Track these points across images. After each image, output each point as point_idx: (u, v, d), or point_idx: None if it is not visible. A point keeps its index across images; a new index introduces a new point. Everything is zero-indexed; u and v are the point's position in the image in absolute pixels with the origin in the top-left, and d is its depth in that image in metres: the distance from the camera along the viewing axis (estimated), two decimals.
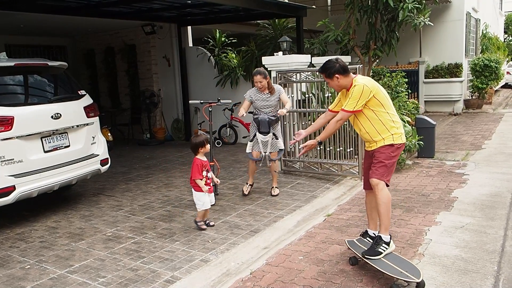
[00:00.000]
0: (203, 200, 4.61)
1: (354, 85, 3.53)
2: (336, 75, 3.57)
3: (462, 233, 4.21)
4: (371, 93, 3.49)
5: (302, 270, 3.62)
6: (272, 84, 5.65)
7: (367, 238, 3.87)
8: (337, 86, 3.65)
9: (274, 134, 5.63)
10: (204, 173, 4.62)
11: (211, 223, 4.76)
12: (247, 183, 5.94)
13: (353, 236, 4.26)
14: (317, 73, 3.79)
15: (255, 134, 5.65)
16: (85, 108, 5.70)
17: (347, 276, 3.47)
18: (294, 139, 3.98)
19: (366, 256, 3.46)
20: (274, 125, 5.63)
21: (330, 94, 6.63)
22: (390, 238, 3.56)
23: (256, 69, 5.58)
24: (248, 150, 5.71)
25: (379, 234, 3.57)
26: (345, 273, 3.52)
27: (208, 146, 4.74)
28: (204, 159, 4.69)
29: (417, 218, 4.66)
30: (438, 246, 3.93)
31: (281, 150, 5.74)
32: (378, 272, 3.37)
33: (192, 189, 4.68)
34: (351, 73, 3.63)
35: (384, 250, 3.46)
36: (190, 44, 10.78)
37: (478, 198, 5.22)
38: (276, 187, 5.86)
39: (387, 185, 3.57)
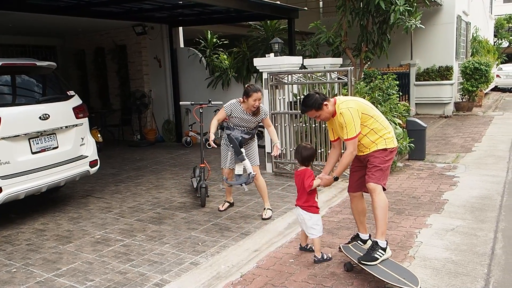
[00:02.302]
0: (320, 222, 3.83)
1: (340, 113, 3.56)
2: (325, 103, 3.59)
3: (452, 235, 4.21)
4: (359, 112, 3.54)
5: (293, 273, 3.59)
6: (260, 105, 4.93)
7: (358, 241, 3.86)
8: (328, 114, 3.64)
9: (248, 149, 5.02)
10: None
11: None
12: (225, 201, 5.39)
13: (344, 239, 4.25)
14: (303, 112, 3.86)
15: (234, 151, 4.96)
16: (74, 109, 5.63)
17: (338, 279, 3.45)
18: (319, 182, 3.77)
19: (362, 262, 3.42)
20: (247, 142, 5.02)
21: None
22: (387, 244, 3.53)
23: (254, 85, 4.85)
24: (238, 172, 4.97)
25: (375, 239, 3.54)
26: (336, 276, 3.50)
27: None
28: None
29: (407, 220, 4.66)
30: (428, 248, 3.93)
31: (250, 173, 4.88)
32: (369, 275, 3.35)
33: (304, 213, 3.79)
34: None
35: (381, 256, 3.43)
36: (182, 45, 10.73)
37: (468, 201, 5.24)
38: (268, 208, 5.10)
39: (384, 189, 3.57)
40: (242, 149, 4.87)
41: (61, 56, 12.08)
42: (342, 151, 4.00)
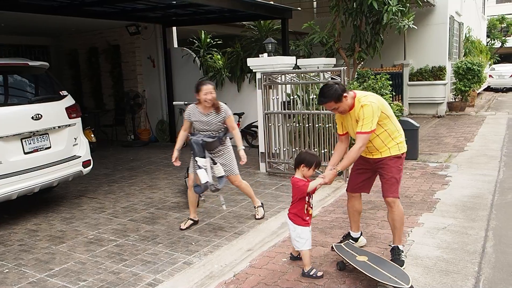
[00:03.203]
0: (306, 236, 3.52)
1: (362, 105, 3.43)
2: (344, 95, 3.45)
3: (444, 234, 4.25)
4: (379, 109, 3.46)
5: (286, 272, 3.61)
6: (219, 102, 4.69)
7: (350, 240, 3.89)
8: (347, 106, 3.49)
9: (212, 159, 4.63)
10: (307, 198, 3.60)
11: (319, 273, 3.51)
12: (188, 218, 4.83)
13: (337, 238, 4.27)
14: (320, 103, 3.62)
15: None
16: (67, 109, 5.61)
17: (330, 278, 3.47)
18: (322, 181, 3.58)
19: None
20: (213, 147, 4.64)
21: (315, 96, 6.64)
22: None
23: (204, 80, 4.62)
24: (203, 180, 4.46)
25: (396, 245, 3.65)
26: (328, 275, 3.52)
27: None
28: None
29: None
30: (420, 247, 3.96)
31: (221, 177, 4.60)
32: (361, 274, 3.37)
33: (288, 222, 3.60)
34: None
35: (405, 257, 3.61)
36: (175, 45, 10.72)
37: (460, 200, 5.28)
38: (259, 206, 5.00)
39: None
40: (209, 155, 4.54)
41: (54, 55, 12.03)
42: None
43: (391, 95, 8.54)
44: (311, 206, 3.63)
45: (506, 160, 7.29)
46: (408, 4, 8.58)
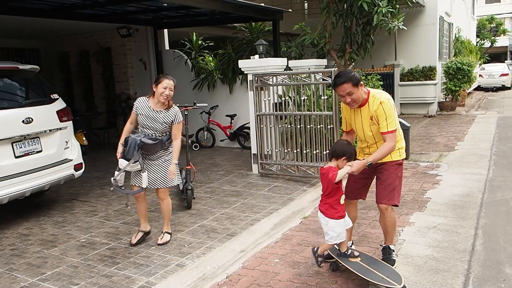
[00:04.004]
0: (339, 230, 3.39)
1: (381, 102, 3.33)
2: (360, 82, 3.33)
3: (434, 233, 4.29)
4: (394, 107, 3.40)
5: (278, 273, 3.63)
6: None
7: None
8: (360, 96, 3.35)
9: (159, 165, 4.27)
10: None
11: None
12: (138, 230, 4.47)
13: None
14: (332, 88, 3.43)
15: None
16: (58, 112, 5.59)
17: (322, 278, 3.50)
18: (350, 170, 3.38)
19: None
20: (153, 150, 4.21)
21: (306, 97, 6.67)
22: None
23: (161, 74, 4.26)
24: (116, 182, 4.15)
25: (387, 245, 3.68)
26: (320, 275, 3.55)
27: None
28: None
29: None
30: (411, 246, 4.00)
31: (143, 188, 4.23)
32: (353, 274, 3.40)
33: (321, 216, 3.43)
34: None
35: (395, 256, 3.68)
36: (167, 47, 10.71)
37: (450, 199, 5.34)
38: (167, 232, 4.43)
39: (397, 205, 3.57)
40: (139, 160, 4.09)
41: (45, 58, 11.97)
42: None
43: None
44: None
45: (495, 159, 7.37)
46: (397, 6, 8.66)
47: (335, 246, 3.72)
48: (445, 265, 3.59)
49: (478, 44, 29.18)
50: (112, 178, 4.19)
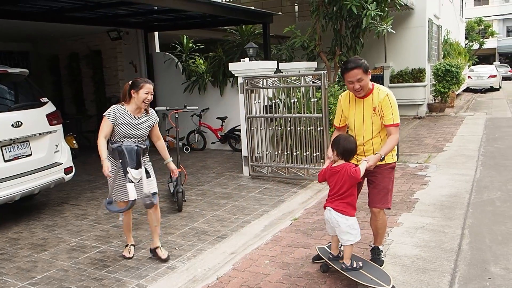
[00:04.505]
0: (357, 226, 3.41)
1: (387, 94, 3.39)
2: (369, 70, 3.37)
3: (422, 233, 4.35)
4: None
5: (268, 274, 3.66)
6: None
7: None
8: (367, 84, 3.37)
9: (146, 170, 4.02)
10: None
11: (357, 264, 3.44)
12: (127, 245, 4.22)
13: (318, 239, 4.35)
14: (342, 74, 3.39)
15: (119, 172, 3.90)
16: (47, 115, 5.58)
17: (311, 279, 3.53)
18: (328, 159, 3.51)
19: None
20: (143, 156, 4.00)
21: (296, 100, 6.72)
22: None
23: (139, 78, 3.99)
24: (132, 197, 3.76)
25: (376, 245, 3.72)
26: (309, 276, 3.59)
27: None
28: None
29: None
30: (399, 246, 4.06)
31: (154, 193, 4.03)
32: (341, 274, 3.44)
33: (338, 215, 3.36)
34: None
35: (384, 257, 3.73)
36: (157, 50, 10.72)
37: (438, 199, 5.41)
38: (161, 247, 4.12)
39: (389, 208, 3.65)
40: (143, 166, 3.90)
41: (34, 61, 11.90)
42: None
43: None
44: None
45: (483, 160, 7.48)
46: (386, 9, 8.77)
47: (326, 248, 3.76)
48: (432, 264, 3.65)
49: (466, 46, 29.51)
50: (134, 201, 3.80)
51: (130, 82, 3.93)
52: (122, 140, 3.86)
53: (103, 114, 3.83)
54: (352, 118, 3.56)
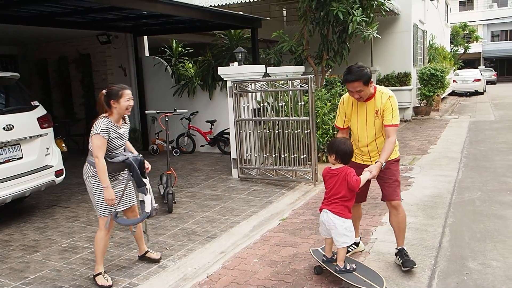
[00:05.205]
0: (353, 228, 3.47)
1: (390, 96, 3.45)
2: (371, 80, 3.41)
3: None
4: None
5: (257, 272, 3.78)
6: None
7: (352, 244, 3.87)
8: (368, 93, 3.43)
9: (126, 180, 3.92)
10: None
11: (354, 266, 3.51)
12: (100, 273, 3.74)
13: (306, 238, 4.49)
14: (345, 81, 3.43)
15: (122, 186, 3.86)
16: (38, 119, 5.65)
17: (298, 275, 3.67)
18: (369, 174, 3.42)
19: (409, 267, 3.55)
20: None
21: (284, 103, 6.87)
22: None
23: (117, 84, 3.80)
24: (148, 208, 3.80)
25: (402, 247, 3.75)
26: (296, 273, 3.72)
27: None
28: None
29: (365, 219, 4.93)
30: (382, 244, 4.21)
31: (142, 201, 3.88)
32: (327, 271, 3.57)
33: (335, 217, 3.39)
34: None
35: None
36: (147, 54, 10.80)
37: (421, 199, 5.59)
38: (150, 250, 4.18)
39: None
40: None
41: (22, 65, 11.89)
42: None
43: None
44: None
45: (465, 161, 7.71)
46: (372, 15, 8.99)
47: (320, 251, 3.80)
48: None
49: (452, 50, 30.05)
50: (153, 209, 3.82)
51: (104, 92, 3.71)
52: (113, 153, 3.73)
53: (97, 133, 3.55)
54: (355, 120, 3.60)
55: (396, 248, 3.81)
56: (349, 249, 3.79)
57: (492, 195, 5.67)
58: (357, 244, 4.03)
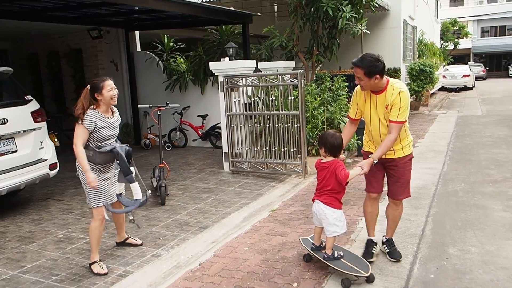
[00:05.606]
0: (343, 218, 3.57)
1: (400, 92, 3.32)
2: (377, 75, 3.30)
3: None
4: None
5: (247, 259, 3.93)
6: None
7: (374, 246, 3.86)
8: (368, 86, 3.36)
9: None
10: None
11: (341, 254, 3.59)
12: (95, 261, 3.87)
13: (294, 228, 4.64)
14: (353, 64, 3.37)
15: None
16: (32, 113, 5.73)
17: (287, 262, 3.82)
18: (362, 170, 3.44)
19: (396, 259, 3.68)
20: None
21: (274, 98, 7.00)
22: None
23: (98, 77, 3.96)
24: (140, 195, 3.92)
25: (391, 237, 3.85)
26: (285, 260, 3.87)
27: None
28: None
29: (352, 209, 5.11)
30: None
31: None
32: (316, 258, 3.72)
33: (326, 207, 3.50)
34: None
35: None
36: (138, 49, 10.86)
37: None
38: (132, 238, 4.42)
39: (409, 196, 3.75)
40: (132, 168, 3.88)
41: (13, 60, 11.88)
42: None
43: (348, 96, 9.05)
44: None
45: (451, 155, 7.92)
46: (361, 11, 9.12)
47: (309, 239, 3.93)
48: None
49: (442, 46, 30.34)
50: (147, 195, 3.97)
51: (88, 87, 3.85)
52: (102, 144, 3.84)
53: (80, 123, 3.73)
54: (368, 113, 3.56)
55: (384, 237, 3.92)
56: (372, 250, 3.81)
57: (475, 187, 5.87)
58: (375, 243, 3.90)
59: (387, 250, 3.82)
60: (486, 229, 4.38)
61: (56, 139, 8.49)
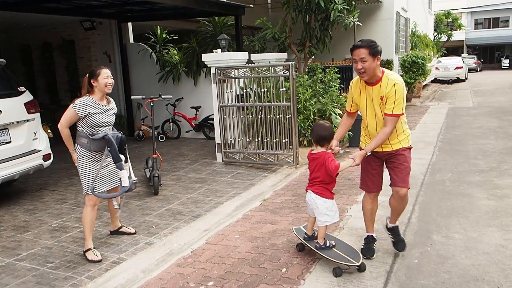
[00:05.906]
0: (335, 208, 3.60)
1: (395, 83, 3.26)
2: (379, 56, 3.26)
3: (378, 209, 4.78)
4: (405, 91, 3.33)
5: (238, 246, 4.04)
6: None
7: (374, 243, 3.81)
8: (373, 69, 3.27)
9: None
10: None
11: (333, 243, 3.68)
12: (89, 249, 3.96)
13: (285, 216, 4.75)
14: (354, 48, 3.29)
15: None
16: (25, 104, 5.77)
17: (276, 249, 3.93)
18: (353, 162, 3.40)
19: (401, 249, 3.70)
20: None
21: (266, 89, 7.08)
22: None
23: (94, 68, 4.03)
24: (126, 182, 3.93)
25: (396, 225, 3.79)
26: (275, 247, 3.98)
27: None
28: None
29: (341, 199, 5.23)
30: (356, 220, 4.50)
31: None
32: (308, 247, 3.83)
33: (317, 197, 3.56)
34: None
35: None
36: (131, 40, 10.87)
37: None
38: (126, 227, 4.53)
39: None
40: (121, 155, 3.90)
41: (5, 51, 11.83)
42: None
43: (340, 87, 9.15)
44: None
45: (440, 145, 8.05)
46: (353, 2, 9.19)
47: (302, 228, 4.00)
48: (383, 234, 4.07)
49: (435, 38, 30.47)
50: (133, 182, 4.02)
51: (87, 74, 3.98)
52: (96, 131, 3.90)
53: (71, 107, 3.83)
54: (364, 106, 3.51)
55: (390, 223, 3.83)
56: (373, 246, 3.78)
57: (462, 176, 6.01)
58: (375, 239, 3.84)
59: (392, 240, 3.79)
60: (470, 217, 4.51)
61: (49, 130, 8.53)
